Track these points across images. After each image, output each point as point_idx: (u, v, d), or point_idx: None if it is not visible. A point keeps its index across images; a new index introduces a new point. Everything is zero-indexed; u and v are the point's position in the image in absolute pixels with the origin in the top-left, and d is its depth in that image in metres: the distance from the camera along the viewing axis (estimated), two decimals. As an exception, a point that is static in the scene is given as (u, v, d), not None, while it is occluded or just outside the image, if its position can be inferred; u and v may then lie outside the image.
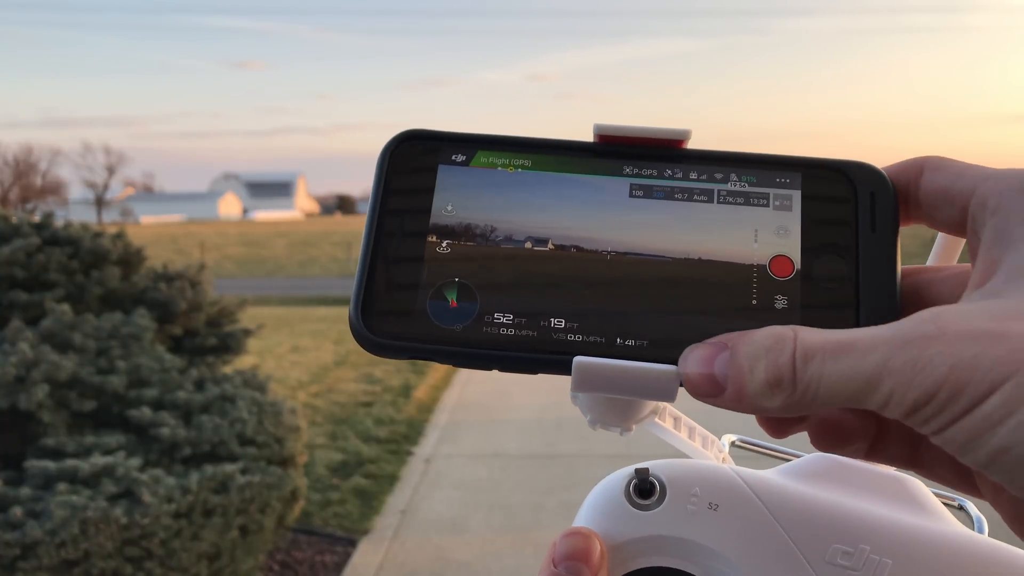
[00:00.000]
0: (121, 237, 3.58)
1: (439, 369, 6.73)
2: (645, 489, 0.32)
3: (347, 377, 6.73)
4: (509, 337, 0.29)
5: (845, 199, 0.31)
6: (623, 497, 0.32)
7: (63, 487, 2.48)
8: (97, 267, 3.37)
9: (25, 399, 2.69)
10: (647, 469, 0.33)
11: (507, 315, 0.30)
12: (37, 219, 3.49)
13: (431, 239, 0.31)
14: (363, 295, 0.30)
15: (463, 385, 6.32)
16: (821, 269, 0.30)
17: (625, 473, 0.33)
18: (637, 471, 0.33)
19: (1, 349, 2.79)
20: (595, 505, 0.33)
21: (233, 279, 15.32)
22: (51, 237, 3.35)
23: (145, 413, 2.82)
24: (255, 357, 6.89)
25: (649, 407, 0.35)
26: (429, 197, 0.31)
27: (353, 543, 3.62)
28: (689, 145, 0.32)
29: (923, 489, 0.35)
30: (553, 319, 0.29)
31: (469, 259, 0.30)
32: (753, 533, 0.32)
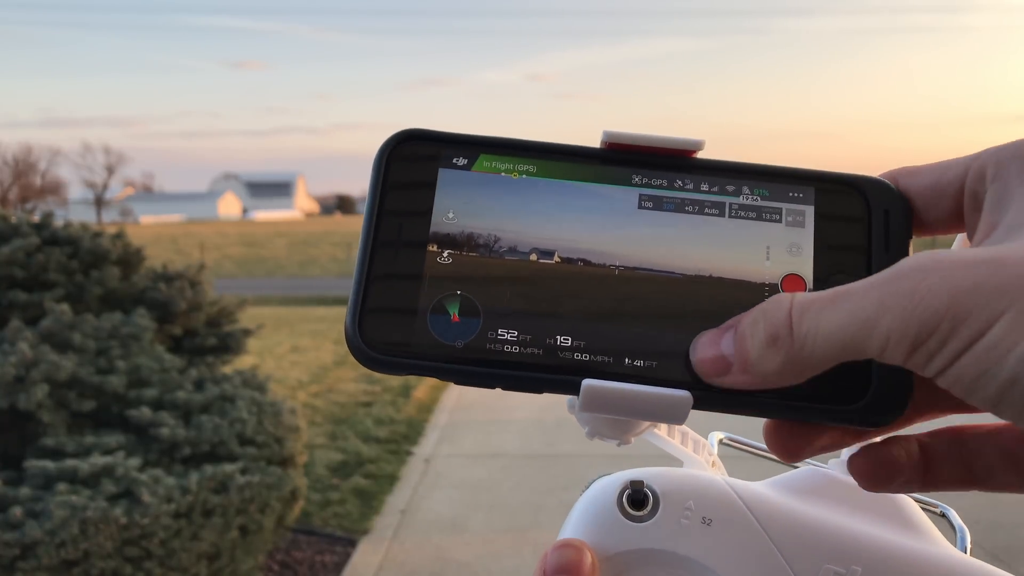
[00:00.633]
0: (121, 237, 3.57)
1: (439, 369, 6.72)
2: (638, 500, 0.32)
3: (347, 377, 6.73)
4: (513, 355, 0.28)
5: (859, 217, 0.30)
6: (615, 507, 0.32)
7: (63, 487, 2.48)
8: (97, 267, 3.37)
9: (25, 399, 2.69)
10: (642, 480, 0.32)
11: (511, 331, 0.28)
12: (37, 219, 3.48)
13: (431, 249, 0.29)
14: (360, 307, 0.28)
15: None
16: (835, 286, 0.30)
17: (617, 481, 0.32)
18: (631, 482, 0.32)
19: (1, 349, 2.79)
20: (586, 515, 0.32)
21: (233, 279, 15.31)
22: (51, 237, 3.35)
23: (145, 413, 2.82)
24: (255, 357, 6.88)
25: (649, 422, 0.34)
26: (429, 203, 0.30)
27: (353, 543, 3.62)
28: (700, 155, 0.31)
29: (913, 506, 0.35)
30: (559, 336, 0.28)
31: (471, 271, 0.29)
32: (746, 550, 0.31)
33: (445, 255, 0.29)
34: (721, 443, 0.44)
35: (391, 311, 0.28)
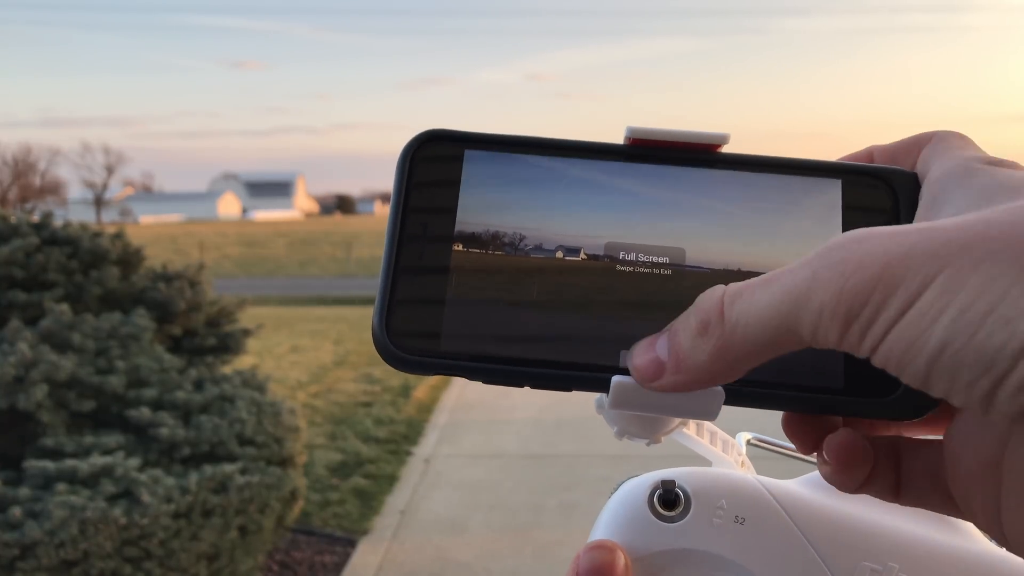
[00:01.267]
0: (120, 237, 3.57)
1: (438, 369, 6.72)
2: (670, 500, 0.32)
3: (346, 377, 6.73)
4: (541, 353, 0.28)
5: (886, 209, 0.30)
6: (647, 508, 0.32)
7: (62, 487, 2.48)
8: (96, 267, 3.37)
9: (24, 399, 2.69)
10: (673, 480, 0.32)
11: (539, 329, 0.28)
12: (36, 219, 3.48)
13: (457, 248, 0.29)
14: (387, 308, 0.28)
15: (463, 385, 6.31)
16: None
17: (648, 482, 0.32)
18: (663, 482, 0.32)
19: (0, 349, 2.79)
20: (617, 515, 0.32)
21: (232, 279, 15.32)
22: (50, 237, 3.35)
23: (144, 413, 2.82)
24: (254, 357, 6.88)
25: (679, 420, 0.34)
26: (454, 202, 0.30)
27: (352, 543, 3.62)
28: (725, 149, 0.30)
29: None
30: (588, 334, 0.28)
31: (498, 269, 0.29)
32: (780, 548, 0.31)
33: (472, 254, 0.29)
34: (749, 443, 0.43)
35: (418, 311, 0.28)
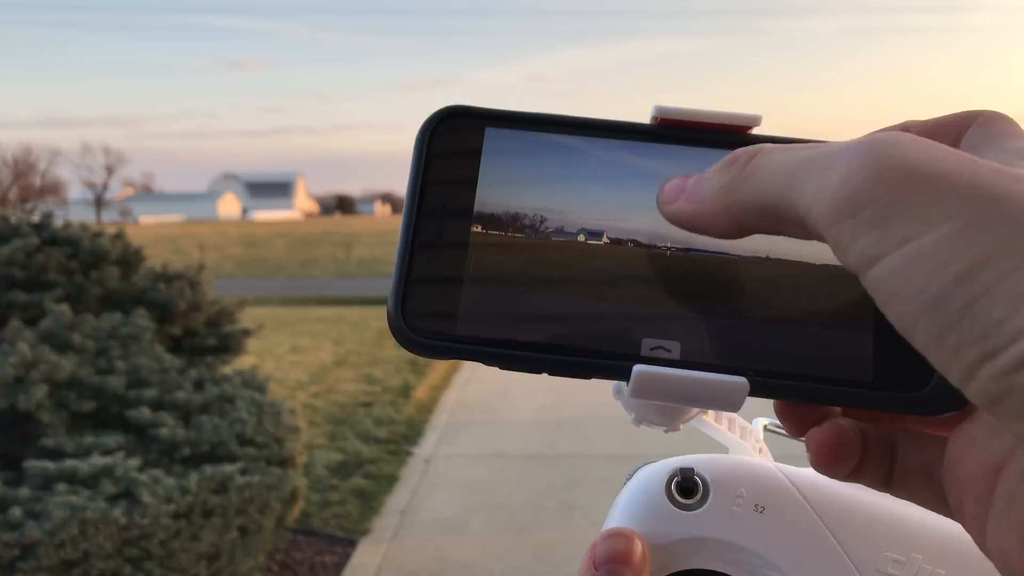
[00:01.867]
0: (120, 237, 3.57)
1: (439, 369, 6.73)
2: (688, 488, 0.31)
3: (347, 377, 6.73)
4: (561, 339, 0.27)
5: None
6: (664, 496, 0.31)
7: (62, 487, 2.48)
8: (96, 267, 3.37)
9: (24, 399, 2.69)
10: (692, 467, 0.31)
11: (559, 315, 0.27)
12: (36, 219, 3.48)
13: (476, 229, 0.28)
14: (403, 291, 0.27)
15: (463, 385, 6.31)
16: None
17: (665, 469, 0.32)
18: (681, 469, 0.31)
19: (0, 349, 2.79)
20: (635, 503, 0.31)
21: (233, 279, 15.31)
22: (50, 237, 3.35)
23: (144, 413, 2.82)
24: (254, 357, 6.88)
25: (698, 409, 0.33)
26: (474, 182, 0.29)
27: (353, 544, 3.62)
28: (756, 131, 0.29)
29: None
30: (609, 320, 0.27)
31: (518, 252, 0.28)
32: (801, 538, 0.30)
33: (491, 236, 0.28)
34: (766, 429, 0.42)
35: (435, 295, 0.28)
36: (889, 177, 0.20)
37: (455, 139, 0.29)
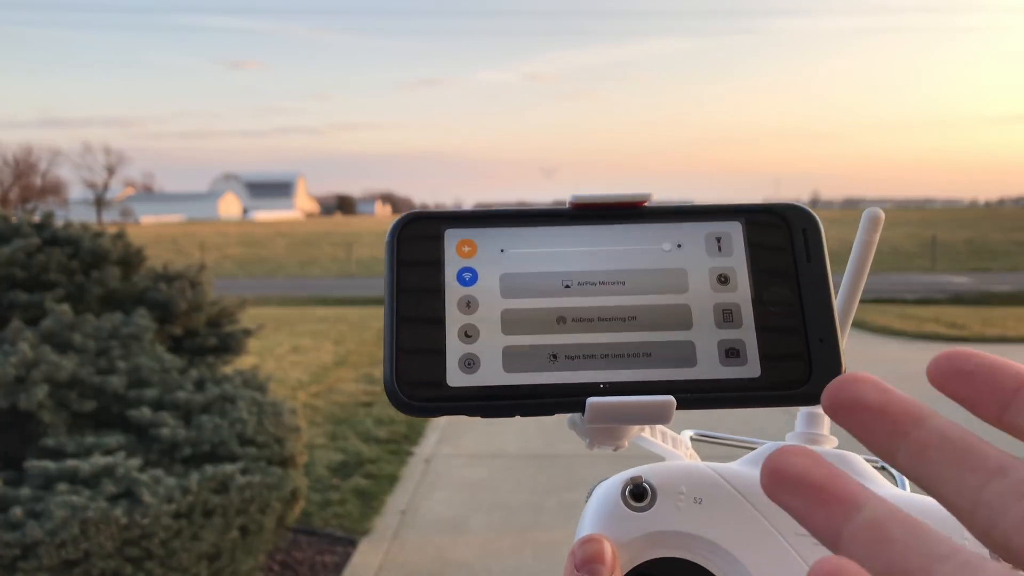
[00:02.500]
0: (121, 237, 3.57)
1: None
2: (639, 493, 0.37)
3: (347, 377, 6.73)
4: (528, 387, 0.34)
5: (783, 237, 0.36)
6: (621, 503, 0.37)
7: (63, 487, 2.48)
8: (97, 267, 3.37)
9: (25, 399, 2.69)
10: (640, 476, 0.37)
11: (524, 369, 0.34)
12: (37, 219, 3.48)
13: (448, 307, 0.35)
14: (396, 367, 0.33)
15: (463, 385, 6.31)
16: (771, 295, 0.35)
17: (618, 481, 0.38)
18: (631, 479, 0.37)
19: (1, 349, 2.79)
20: (599, 513, 0.37)
21: (233, 279, 15.32)
22: (51, 237, 3.35)
23: (145, 413, 2.83)
24: (255, 357, 6.88)
25: (639, 427, 0.40)
26: (440, 268, 0.35)
27: (353, 543, 3.62)
28: (648, 203, 0.37)
29: (863, 462, 0.40)
30: (563, 367, 0.34)
31: (484, 320, 0.34)
32: (735, 519, 0.36)
33: (460, 310, 0.35)
34: (692, 439, 0.50)
35: (421, 365, 0.34)
36: None
37: (420, 235, 0.36)
